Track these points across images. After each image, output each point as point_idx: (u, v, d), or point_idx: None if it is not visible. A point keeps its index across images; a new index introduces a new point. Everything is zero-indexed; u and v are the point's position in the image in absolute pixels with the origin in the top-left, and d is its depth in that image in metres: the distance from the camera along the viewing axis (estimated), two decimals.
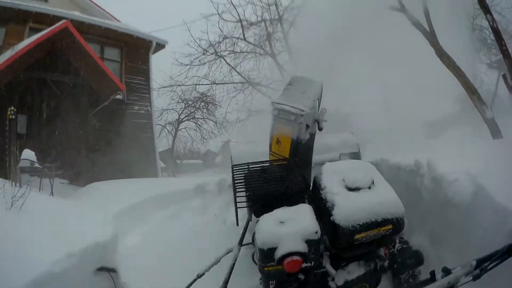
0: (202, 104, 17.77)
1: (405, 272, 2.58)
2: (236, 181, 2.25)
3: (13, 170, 4.06)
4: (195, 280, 1.86)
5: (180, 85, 16.08)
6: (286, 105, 2.43)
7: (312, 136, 2.57)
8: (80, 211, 3.62)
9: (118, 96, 8.65)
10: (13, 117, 6.06)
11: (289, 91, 2.59)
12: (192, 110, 18.22)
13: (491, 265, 1.70)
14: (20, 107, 7.70)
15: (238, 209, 2.13)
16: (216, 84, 16.05)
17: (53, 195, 4.21)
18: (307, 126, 2.46)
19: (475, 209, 2.30)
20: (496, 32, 5.39)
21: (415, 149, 3.78)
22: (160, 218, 3.93)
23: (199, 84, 16.13)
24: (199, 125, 19.07)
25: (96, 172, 8.38)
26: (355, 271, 2.03)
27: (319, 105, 2.62)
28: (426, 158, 2.89)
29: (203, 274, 1.91)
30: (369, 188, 2.01)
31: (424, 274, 2.53)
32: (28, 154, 4.34)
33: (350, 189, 2.00)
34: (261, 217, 1.92)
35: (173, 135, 18.87)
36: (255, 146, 3.55)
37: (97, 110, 8.45)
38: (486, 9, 5.45)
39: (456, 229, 2.43)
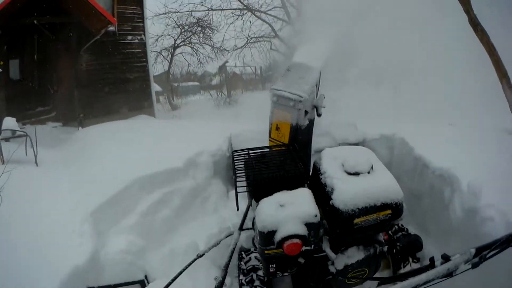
0: (199, 29, 17.28)
1: (405, 257, 2.61)
2: (236, 167, 2.24)
3: None
4: (195, 260, 1.85)
5: (175, 11, 15.75)
6: (285, 91, 2.42)
7: (311, 122, 2.57)
8: (57, 201, 2.96)
9: (111, 28, 8.26)
10: (0, 70, 5.88)
11: (288, 77, 2.57)
12: (188, 35, 17.66)
13: (491, 254, 1.71)
14: (12, 53, 7.51)
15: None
16: (213, 10, 15.72)
17: (37, 165, 3.79)
18: (306, 112, 2.46)
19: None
20: None
21: (439, 140, 3.48)
22: (146, 207, 3.25)
23: (196, 11, 15.85)
24: (195, 49, 18.48)
25: (90, 108, 8.21)
26: (354, 255, 2.05)
27: (317, 91, 2.61)
28: (461, 170, 2.70)
29: (203, 254, 1.90)
30: (368, 173, 2.01)
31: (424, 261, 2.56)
32: (9, 123, 4.05)
33: (350, 174, 2.00)
34: (261, 201, 1.92)
35: (169, 60, 18.19)
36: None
37: (88, 45, 8.14)
38: None
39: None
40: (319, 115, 2.51)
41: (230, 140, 3.96)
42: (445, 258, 2.16)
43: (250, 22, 16.12)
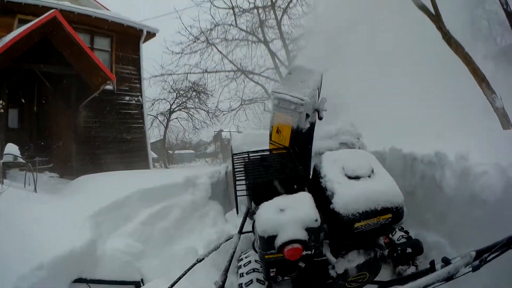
0: (194, 93, 17.54)
1: (405, 261, 2.61)
2: (236, 170, 2.24)
3: None
4: (194, 264, 1.85)
5: (171, 74, 15.93)
6: (286, 94, 2.41)
7: (312, 125, 2.56)
8: (59, 211, 3.16)
9: (108, 87, 8.37)
10: (1, 111, 5.92)
11: (289, 80, 2.57)
12: (183, 100, 17.95)
13: (491, 257, 1.72)
14: (11, 101, 7.59)
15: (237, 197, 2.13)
16: (208, 72, 15.89)
17: (36, 192, 3.94)
18: (307, 115, 2.45)
19: (506, 205, 2.13)
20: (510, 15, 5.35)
21: (426, 139, 3.55)
22: (146, 217, 3.42)
23: (191, 73, 15.97)
24: (191, 115, 18.81)
25: (87, 164, 8.31)
26: (355, 259, 2.04)
27: (319, 95, 2.61)
28: (448, 149, 2.75)
29: (203, 259, 1.90)
30: (369, 176, 2.01)
31: (424, 264, 2.56)
32: (11, 149, 4.15)
33: (350, 178, 2.00)
34: (261, 205, 1.91)
35: (165, 125, 18.44)
36: (255, 137, 3.56)
37: (87, 102, 8.31)
38: None
39: (482, 228, 2.25)
40: (320, 118, 2.51)
41: (231, 146, 3.96)
42: (446, 262, 2.16)
43: (244, 83, 16.22)
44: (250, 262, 2.50)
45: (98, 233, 2.86)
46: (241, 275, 2.43)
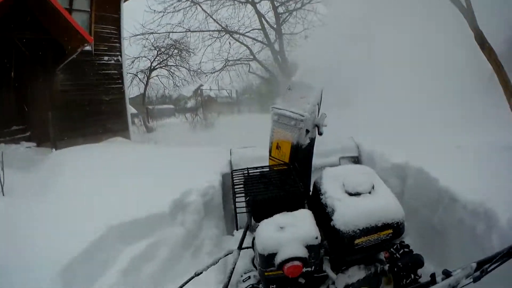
0: (175, 51, 17.45)
1: (406, 274, 2.60)
2: (235, 186, 2.26)
3: None
4: (192, 277, 1.86)
5: (152, 32, 15.84)
6: (286, 110, 2.45)
7: (312, 141, 2.59)
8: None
9: (87, 48, 8.25)
10: None
11: (289, 96, 2.60)
12: (164, 58, 17.90)
13: (492, 267, 1.71)
14: None
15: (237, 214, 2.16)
16: (191, 31, 15.75)
17: (3, 194, 3.44)
18: (307, 131, 2.48)
19: None
20: None
21: (457, 167, 3.17)
22: (127, 263, 2.63)
23: (173, 32, 15.85)
24: (171, 72, 18.84)
25: (65, 130, 8.15)
26: (355, 275, 2.04)
27: (319, 110, 2.64)
28: (499, 208, 2.38)
29: (201, 273, 1.91)
30: (369, 193, 2.02)
31: (425, 277, 2.54)
32: None
33: (351, 194, 2.01)
34: (261, 222, 1.93)
35: (145, 83, 18.51)
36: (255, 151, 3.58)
37: (64, 65, 8.10)
38: None
39: None
40: (320, 133, 2.54)
41: (230, 161, 3.95)
42: (446, 274, 2.16)
43: (230, 44, 16.22)
44: (249, 277, 2.51)
45: None
46: None
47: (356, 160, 3.51)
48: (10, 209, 3.07)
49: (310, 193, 2.29)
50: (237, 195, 2.18)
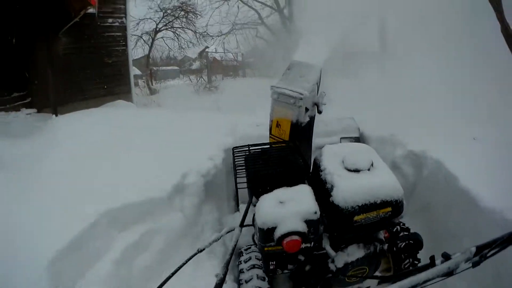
0: (182, 13, 17.13)
1: (405, 256, 2.59)
2: (236, 163, 2.25)
3: None
4: (195, 254, 1.84)
5: None
6: (286, 88, 2.42)
7: (312, 119, 2.57)
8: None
9: (90, 10, 7.86)
10: None
11: (288, 75, 2.58)
12: (170, 19, 17.59)
13: (491, 252, 1.70)
14: None
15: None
16: None
17: None
18: (307, 109, 2.46)
19: None
20: None
21: (477, 164, 2.90)
22: (120, 253, 2.39)
23: None
24: (177, 34, 18.53)
25: (66, 94, 7.99)
26: (354, 253, 2.03)
27: (318, 89, 2.61)
28: None
29: (203, 249, 1.89)
30: (369, 170, 2.00)
31: (424, 259, 2.53)
32: None
33: (350, 171, 1.99)
34: (261, 197, 1.91)
35: (150, 44, 18.09)
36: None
37: (67, 28, 7.85)
38: None
39: None
40: (319, 112, 2.52)
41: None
42: (446, 257, 2.14)
43: (238, 8, 15.72)
44: (250, 258, 2.50)
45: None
46: (241, 271, 2.43)
47: (357, 140, 3.49)
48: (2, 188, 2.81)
49: (310, 170, 2.27)
50: (238, 172, 2.17)
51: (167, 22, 17.73)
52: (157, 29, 17.72)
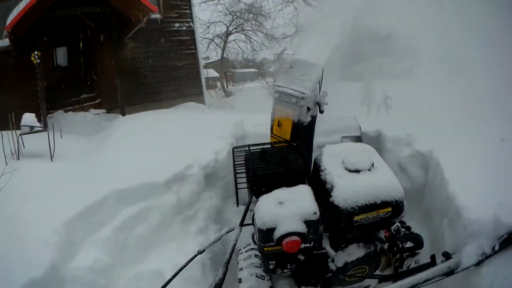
0: (251, 15, 17.32)
1: (405, 255, 2.60)
2: (236, 163, 2.25)
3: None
4: (195, 256, 1.86)
5: None
6: (287, 87, 2.42)
7: (313, 118, 2.56)
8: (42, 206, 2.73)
9: (154, 16, 8.27)
10: (38, 61, 6.03)
11: (290, 74, 2.56)
12: (240, 22, 17.81)
13: (492, 252, 1.71)
14: (58, 41, 7.87)
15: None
16: None
17: (52, 160, 3.83)
18: (308, 108, 2.45)
19: None
20: None
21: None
22: (121, 222, 2.90)
23: None
24: (248, 37, 18.68)
25: (133, 96, 8.37)
26: (354, 253, 2.04)
27: (320, 88, 2.60)
28: None
29: (203, 250, 1.92)
30: (369, 170, 2.00)
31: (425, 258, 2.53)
32: (28, 119, 4.05)
33: (350, 171, 2.00)
34: (260, 197, 1.92)
35: (222, 48, 18.40)
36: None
37: (133, 33, 8.20)
38: None
39: None
40: (321, 111, 2.51)
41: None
42: (446, 256, 2.14)
43: (296, 9, 15.53)
44: (250, 256, 2.52)
45: (68, 248, 2.47)
46: (241, 269, 2.45)
47: (358, 139, 3.48)
48: (44, 172, 3.44)
49: (311, 170, 2.27)
50: (238, 171, 2.18)
51: (237, 25, 17.96)
52: (228, 31, 17.97)
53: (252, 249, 2.40)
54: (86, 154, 3.97)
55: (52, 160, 3.82)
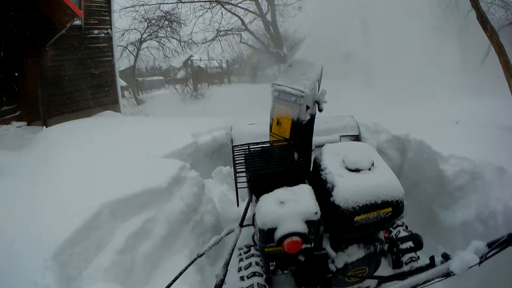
0: (166, 22, 17.44)
1: (405, 256, 2.59)
2: (236, 162, 2.22)
3: None
4: (195, 259, 1.83)
5: (143, 4, 15.82)
6: (286, 86, 2.39)
7: (312, 117, 2.55)
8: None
9: (76, 22, 8.07)
10: None
11: (289, 73, 2.55)
12: (155, 29, 17.97)
13: (491, 253, 1.70)
14: None
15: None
16: (182, 2, 15.78)
17: None
18: (307, 107, 2.43)
19: None
20: None
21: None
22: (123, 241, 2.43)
23: (164, 3, 15.91)
24: (162, 43, 18.86)
25: (55, 106, 8.12)
26: (355, 253, 2.02)
27: (319, 87, 2.59)
28: None
29: (203, 253, 1.88)
30: (369, 169, 1.98)
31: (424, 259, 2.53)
32: None
33: (350, 170, 1.98)
34: (261, 197, 1.89)
35: (135, 55, 18.54)
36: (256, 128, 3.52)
37: (54, 40, 7.84)
38: None
39: None
40: (320, 110, 2.50)
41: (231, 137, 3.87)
42: (445, 257, 2.13)
43: (222, 15, 15.99)
44: (250, 256, 2.49)
45: (66, 278, 2.05)
46: (240, 269, 2.41)
47: (357, 138, 3.48)
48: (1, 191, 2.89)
49: (311, 169, 2.25)
50: (238, 171, 2.14)
51: (151, 32, 18.08)
52: (142, 39, 18.07)
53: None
54: (33, 169, 3.36)
55: None
